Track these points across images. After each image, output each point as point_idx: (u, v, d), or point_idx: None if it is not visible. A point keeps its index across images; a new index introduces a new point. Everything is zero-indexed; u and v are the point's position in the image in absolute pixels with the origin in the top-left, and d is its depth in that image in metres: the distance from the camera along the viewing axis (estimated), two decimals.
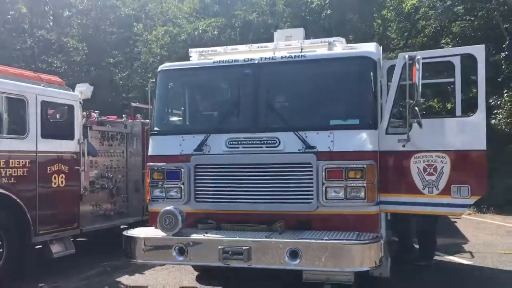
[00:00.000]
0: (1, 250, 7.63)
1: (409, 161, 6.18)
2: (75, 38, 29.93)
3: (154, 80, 7.13)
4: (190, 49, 7.21)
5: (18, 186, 7.86)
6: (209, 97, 7.30)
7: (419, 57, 5.94)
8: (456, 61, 6.38)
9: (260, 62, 6.58)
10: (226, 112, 6.60)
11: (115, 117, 11.79)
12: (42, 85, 8.62)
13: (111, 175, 10.50)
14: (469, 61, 6.23)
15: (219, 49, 7.19)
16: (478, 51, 6.03)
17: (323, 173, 6.02)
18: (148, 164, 6.80)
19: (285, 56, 6.63)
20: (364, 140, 6.10)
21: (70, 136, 9.00)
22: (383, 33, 25.67)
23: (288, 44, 6.97)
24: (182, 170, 6.44)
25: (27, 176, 8.03)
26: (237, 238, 5.71)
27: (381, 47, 7.71)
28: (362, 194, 5.96)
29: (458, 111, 6.38)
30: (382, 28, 25.74)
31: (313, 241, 5.51)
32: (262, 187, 6.26)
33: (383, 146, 6.27)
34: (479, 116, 5.97)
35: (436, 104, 20.16)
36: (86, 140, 9.32)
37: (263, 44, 7.13)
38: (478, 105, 5.97)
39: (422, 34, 23.18)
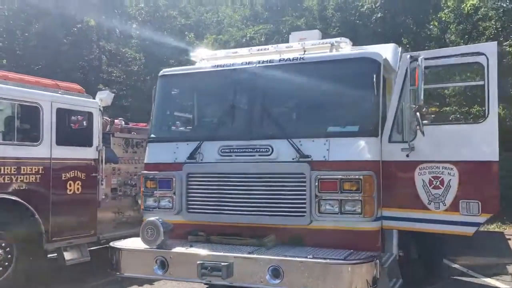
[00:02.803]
0: (12, 255, 7.72)
1: (414, 173, 5.55)
2: (133, 48, 30.88)
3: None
4: (191, 54, 6.98)
5: (30, 192, 7.94)
6: (207, 103, 7.03)
7: (421, 56, 5.32)
8: (484, 61, 5.69)
9: (258, 65, 6.23)
10: (221, 118, 6.29)
11: (145, 124, 11.81)
12: (59, 92, 8.70)
13: (134, 183, 10.46)
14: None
15: (219, 52, 6.90)
16: (489, 49, 5.31)
17: (316, 184, 5.55)
18: (141, 172, 6.62)
19: (283, 59, 6.23)
20: (362, 148, 5.56)
21: (88, 143, 9.03)
22: (441, 36, 24.31)
23: (290, 46, 6.54)
24: (174, 179, 6.19)
25: (40, 183, 8.11)
26: (218, 253, 5.36)
27: (400, 48, 7.12)
28: (359, 208, 5.43)
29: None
30: (440, 31, 24.40)
31: (296, 259, 5.03)
32: (253, 198, 5.89)
33: (386, 155, 5.68)
34: (490, 122, 5.23)
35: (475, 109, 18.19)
36: (104, 147, 9.32)
37: (264, 47, 6.76)
38: (489, 110, 5.24)
39: (484, 37, 21.71)
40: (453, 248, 10.76)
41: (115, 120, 10.33)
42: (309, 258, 5.02)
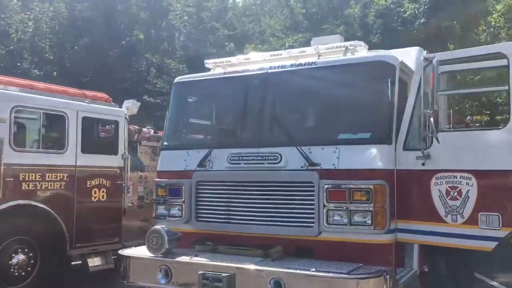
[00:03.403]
0: (35, 261, 7.88)
1: (430, 182, 5.19)
2: (177, 59, 31.46)
3: None
4: (205, 61, 6.92)
5: (55, 199, 8.09)
6: (218, 110, 6.91)
7: (436, 58, 5.00)
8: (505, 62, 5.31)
9: (269, 71, 6.08)
10: (231, 125, 6.17)
11: None
12: (86, 101, 8.87)
13: None
14: None
15: (233, 59, 6.80)
16: (510, 48, 4.91)
17: (325, 194, 5.30)
18: (155, 179, 6.59)
19: (295, 64, 6.05)
20: (373, 156, 5.27)
21: (114, 151, 9.14)
22: (491, 42, 23.29)
23: (303, 51, 6.34)
24: (183, 187, 6.11)
25: (65, 190, 8.26)
26: (220, 263, 5.20)
27: (425, 51, 6.76)
28: (369, 219, 5.13)
29: None
30: (490, 36, 23.38)
31: (298, 272, 4.81)
32: (261, 208, 5.73)
33: (401, 164, 5.36)
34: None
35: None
36: (131, 155, 9.41)
37: (277, 52, 6.60)
38: (511, 114, 4.82)
39: None
40: (494, 264, 10.19)
41: (143, 129, 10.43)
42: (312, 271, 4.78)
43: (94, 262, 8.65)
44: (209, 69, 6.87)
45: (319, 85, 5.89)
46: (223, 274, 5.01)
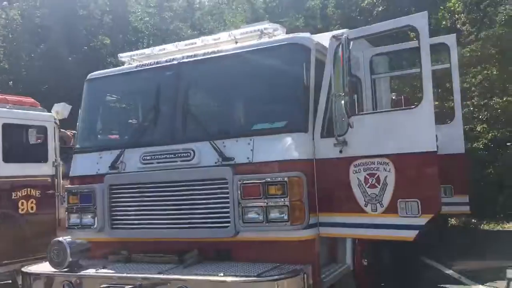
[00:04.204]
0: None
1: (348, 171, 4.77)
2: None
3: None
4: (119, 55, 6.42)
5: None
6: (131, 106, 6.43)
7: (345, 35, 4.59)
8: (451, 42, 4.99)
9: (181, 61, 5.61)
10: (144, 122, 5.69)
11: None
12: (7, 107, 8.28)
13: None
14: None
15: (147, 51, 6.31)
16: (420, 22, 4.53)
17: (239, 190, 4.85)
18: (65, 186, 6.07)
19: (208, 52, 5.59)
20: (288, 146, 4.84)
21: (43, 159, 8.59)
22: (452, 27, 23.17)
23: (217, 38, 5.88)
24: (95, 192, 5.60)
25: None
26: (125, 275, 4.71)
27: None
28: (285, 215, 4.69)
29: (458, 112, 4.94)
30: (450, 21, 23.26)
31: (203, 278, 4.35)
32: (175, 210, 5.25)
33: (320, 153, 4.94)
34: (426, 107, 4.40)
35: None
36: (64, 162, 8.84)
37: (192, 41, 6.12)
38: (423, 93, 4.43)
39: (497, 25, 20.43)
40: (452, 252, 9.92)
41: None
42: (220, 276, 4.32)
43: None
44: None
45: (233, 73, 5.45)
46: (126, 287, 4.53)
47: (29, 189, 8.28)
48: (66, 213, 5.89)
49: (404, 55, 12.71)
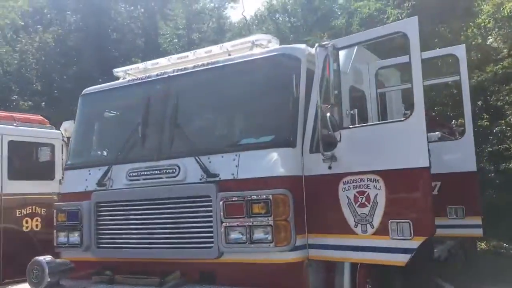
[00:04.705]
0: None
1: (338, 188, 4.42)
2: None
3: None
4: (114, 70, 6.31)
5: None
6: (122, 122, 6.23)
7: (330, 43, 4.30)
8: (461, 54, 4.68)
9: (171, 75, 5.44)
10: (132, 138, 5.50)
11: None
12: (14, 124, 8.31)
13: None
14: None
15: (141, 65, 6.19)
16: (410, 26, 4.21)
17: (222, 208, 4.57)
18: (55, 204, 5.93)
19: (198, 65, 5.39)
20: (274, 162, 4.54)
21: (50, 176, 8.54)
22: (482, 43, 22.46)
23: (209, 51, 5.69)
24: (81, 209, 5.42)
25: None
26: None
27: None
28: (269, 235, 4.37)
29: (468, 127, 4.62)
30: (481, 37, 22.57)
31: None
32: (159, 229, 5.00)
33: (309, 169, 4.62)
34: (417, 118, 4.03)
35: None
36: None
37: (184, 54, 5.95)
38: (414, 104, 4.06)
39: None
40: (477, 278, 9.26)
41: None
42: None
43: None
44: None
45: (221, 86, 5.22)
46: None
47: (34, 207, 8.23)
48: (55, 231, 5.73)
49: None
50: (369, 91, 6.34)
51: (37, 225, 8.25)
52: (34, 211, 8.22)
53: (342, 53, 5.83)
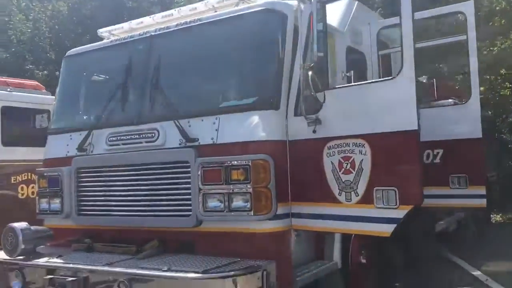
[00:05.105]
0: None
1: (322, 153, 4.09)
2: None
3: None
4: (98, 30, 6.01)
5: None
6: (104, 84, 5.95)
7: None
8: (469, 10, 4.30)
9: (154, 34, 5.12)
10: (113, 100, 5.24)
11: None
12: (8, 90, 8.13)
13: None
14: None
15: (125, 25, 5.87)
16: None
17: (200, 174, 4.30)
18: (37, 169, 5.75)
19: (181, 23, 5.06)
20: (255, 125, 4.23)
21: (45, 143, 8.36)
22: (506, 7, 21.40)
23: (194, 8, 5.33)
24: (62, 175, 5.23)
25: None
26: (73, 266, 4.29)
27: (356, 3, 5.67)
28: (248, 203, 4.10)
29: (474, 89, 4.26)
30: (506, 2, 21.49)
31: (144, 272, 3.85)
32: (138, 196, 4.77)
33: (294, 133, 4.30)
34: (406, 77, 3.64)
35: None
36: None
37: (168, 12, 5.60)
38: (403, 62, 3.66)
39: None
40: (487, 251, 8.93)
41: None
42: (163, 271, 3.80)
43: None
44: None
45: (202, 45, 4.88)
46: (68, 279, 4.10)
47: (30, 173, 8.10)
48: (37, 198, 5.56)
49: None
50: (370, 53, 5.93)
51: (33, 192, 8.11)
52: (30, 178, 8.10)
53: (338, 11, 5.49)
